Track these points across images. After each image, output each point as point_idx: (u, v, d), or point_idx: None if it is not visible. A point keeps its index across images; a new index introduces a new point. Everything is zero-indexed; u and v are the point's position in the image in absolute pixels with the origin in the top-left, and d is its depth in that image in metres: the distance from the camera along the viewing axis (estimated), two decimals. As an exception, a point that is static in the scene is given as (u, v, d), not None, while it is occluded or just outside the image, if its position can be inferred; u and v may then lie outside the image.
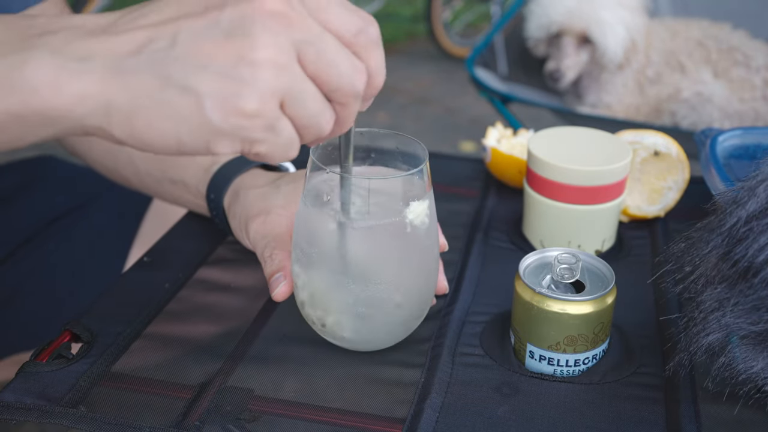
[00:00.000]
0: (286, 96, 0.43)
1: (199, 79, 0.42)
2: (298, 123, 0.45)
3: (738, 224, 0.52)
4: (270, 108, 0.43)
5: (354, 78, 0.45)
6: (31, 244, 0.95)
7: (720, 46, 1.74)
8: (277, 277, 0.61)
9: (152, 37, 0.43)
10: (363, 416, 0.54)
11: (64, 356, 0.59)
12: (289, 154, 0.46)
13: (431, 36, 3.88)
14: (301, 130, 0.45)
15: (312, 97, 0.44)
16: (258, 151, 0.45)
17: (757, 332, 0.51)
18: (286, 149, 0.45)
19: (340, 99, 0.45)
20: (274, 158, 0.45)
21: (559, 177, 0.71)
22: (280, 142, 0.44)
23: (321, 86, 0.44)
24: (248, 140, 0.44)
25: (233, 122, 0.43)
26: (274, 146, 0.45)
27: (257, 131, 0.43)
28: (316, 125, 0.45)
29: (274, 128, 0.44)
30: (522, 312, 0.58)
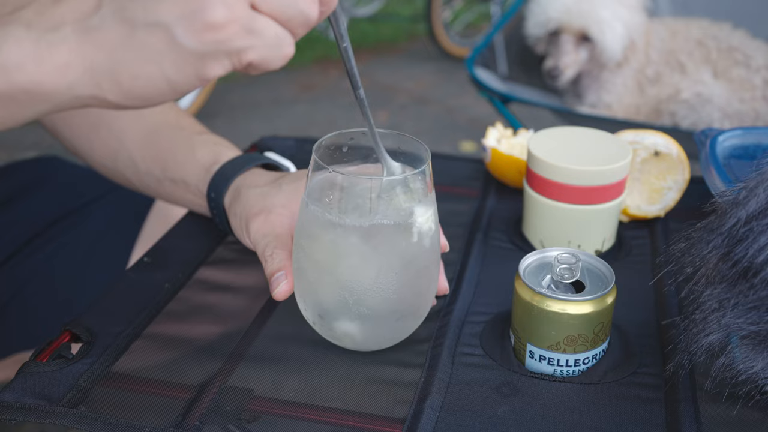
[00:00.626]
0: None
1: (160, 10, 0.41)
2: (278, 17, 0.43)
3: (738, 224, 0.52)
4: (239, 10, 0.41)
5: None
6: (34, 244, 0.95)
7: (720, 46, 1.74)
8: (278, 276, 0.61)
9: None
10: (363, 416, 0.54)
11: (64, 356, 0.59)
12: (283, 53, 0.44)
13: (431, 36, 3.88)
14: (287, 25, 0.43)
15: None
16: (251, 60, 0.43)
17: (757, 332, 0.51)
18: (278, 49, 0.43)
19: None
20: (270, 62, 0.44)
21: (559, 177, 0.71)
22: (268, 42, 0.43)
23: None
24: (234, 52, 0.42)
25: (208, 39, 0.41)
26: (264, 48, 0.43)
27: (237, 39, 0.42)
28: (299, 12, 0.43)
29: (254, 29, 0.42)
30: (522, 312, 0.58)
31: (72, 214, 0.99)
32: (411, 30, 4.39)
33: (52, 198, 1.00)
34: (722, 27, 1.78)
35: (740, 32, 1.78)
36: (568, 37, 1.73)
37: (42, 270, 0.94)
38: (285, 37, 0.44)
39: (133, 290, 0.68)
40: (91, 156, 0.83)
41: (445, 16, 3.91)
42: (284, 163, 0.78)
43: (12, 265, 0.93)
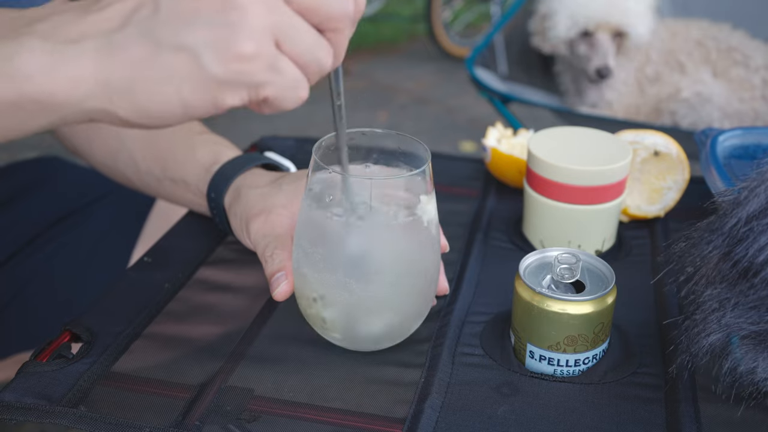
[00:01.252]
0: (278, 33, 0.43)
1: (189, 34, 0.41)
2: (298, 61, 0.44)
3: (738, 224, 0.52)
4: (266, 46, 0.42)
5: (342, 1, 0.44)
6: (35, 244, 0.95)
7: (719, 47, 1.74)
8: (278, 277, 0.61)
9: (134, 6, 0.42)
10: (363, 416, 0.54)
11: (65, 356, 0.59)
12: (299, 95, 0.45)
13: (431, 36, 3.88)
14: (303, 69, 0.45)
15: (304, 30, 0.44)
16: (266, 96, 0.44)
17: (757, 332, 0.51)
18: (294, 90, 0.45)
19: (334, 25, 0.45)
20: (284, 101, 0.45)
21: (559, 177, 0.71)
22: (286, 82, 0.44)
23: (311, 18, 0.44)
24: (253, 85, 0.43)
25: (234, 68, 0.42)
26: (281, 88, 0.44)
27: (260, 73, 0.43)
28: (315, 60, 0.45)
29: (276, 67, 0.43)
30: (522, 312, 0.58)
31: (73, 214, 0.99)
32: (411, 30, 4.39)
33: (53, 198, 1.00)
34: (721, 28, 1.78)
35: (739, 33, 1.78)
36: (604, 35, 1.71)
37: (43, 270, 0.94)
38: (302, 81, 0.45)
39: (133, 290, 0.68)
40: (92, 155, 0.83)
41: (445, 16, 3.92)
42: (284, 163, 0.78)
43: (13, 265, 0.93)
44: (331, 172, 0.55)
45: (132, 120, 0.44)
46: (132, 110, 0.43)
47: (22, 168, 1.04)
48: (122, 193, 1.00)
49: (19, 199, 0.98)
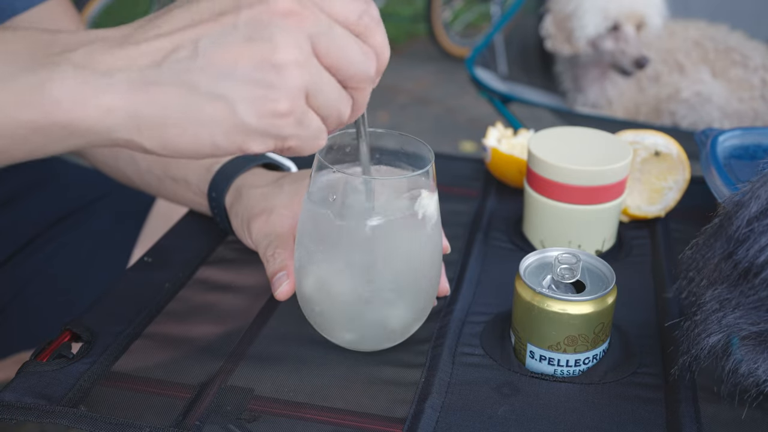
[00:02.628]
0: (309, 89, 0.45)
1: (227, 86, 0.43)
2: (321, 113, 0.46)
3: (740, 226, 0.52)
4: (299, 104, 0.44)
5: (366, 63, 0.46)
6: (35, 244, 0.95)
7: (717, 47, 1.74)
8: (280, 276, 0.61)
9: (172, 47, 0.43)
10: (363, 416, 0.54)
11: (65, 356, 0.59)
12: (319, 144, 0.47)
13: (431, 36, 3.88)
14: (324, 120, 0.47)
15: (330, 86, 0.46)
16: (290, 146, 0.46)
17: (757, 332, 0.51)
18: (315, 140, 0.47)
19: (355, 84, 0.47)
20: (305, 150, 0.47)
21: (559, 177, 0.71)
22: (309, 134, 0.46)
23: (336, 74, 0.46)
24: (280, 137, 0.45)
25: (267, 123, 0.44)
26: (305, 139, 0.46)
27: (289, 128, 0.45)
28: (337, 112, 0.47)
29: (303, 122, 0.45)
30: (522, 312, 0.58)
31: (73, 214, 0.99)
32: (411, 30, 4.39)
33: (54, 198, 1.00)
34: (720, 28, 1.78)
35: (738, 33, 1.78)
36: (630, 28, 1.70)
37: (43, 270, 0.94)
38: (322, 132, 0.47)
39: (133, 290, 0.68)
40: (92, 154, 0.83)
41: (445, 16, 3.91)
42: (285, 163, 0.78)
43: (13, 264, 0.93)
44: (334, 172, 0.55)
45: (156, 152, 0.45)
46: (159, 145, 0.45)
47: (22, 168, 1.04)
48: (122, 193, 1.00)
49: (20, 198, 0.98)
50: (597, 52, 1.73)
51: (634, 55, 1.69)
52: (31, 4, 0.76)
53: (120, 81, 0.43)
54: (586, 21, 1.69)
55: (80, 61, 0.43)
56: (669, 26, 1.79)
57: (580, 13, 1.70)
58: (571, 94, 1.88)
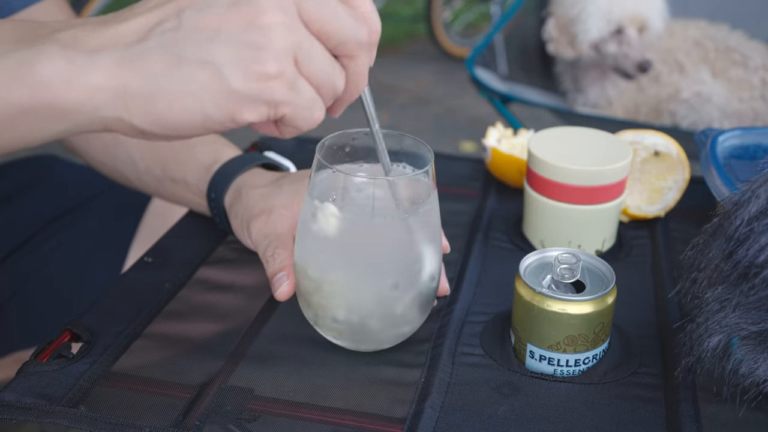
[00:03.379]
0: (298, 54, 0.44)
1: (213, 50, 0.43)
2: (314, 82, 0.46)
3: (740, 226, 0.52)
4: (288, 67, 0.44)
5: (355, 27, 0.46)
6: (32, 242, 0.95)
7: (717, 46, 1.74)
8: (280, 277, 0.61)
9: (157, 20, 0.43)
10: (363, 416, 0.54)
11: (65, 356, 0.59)
12: (314, 114, 0.47)
13: (431, 36, 3.87)
14: (318, 90, 0.46)
15: (320, 53, 0.45)
16: (283, 113, 0.46)
17: (758, 332, 0.51)
18: (310, 110, 0.46)
19: (348, 51, 0.46)
20: (301, 120, 0.46)
21: (559, 177, 0.71)
22: (304, 102, 0.46)
23: (326, 42, 0.45)
24: (272, 102, 0.45)
25: (256, 86, 0.44)
26: (298, 107, 0.46)
27: (280, 92, 0.44)
28: (330, 82, 0.46)
29: (295, 87, 0.45)
30: (522, 312, 0.58)
31: (70, 212, 0.99)
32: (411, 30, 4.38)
33: (50, 196, 1.00)
34: (720, 28, 1.78)
35: (738, 33, 1.78)
36: (633, 31, 1.70)
37: (41, 268, 0.94)
38: (318, 102, 0.47)
39: (133, 290, 0.68)
40: (90, 154, 0.83)
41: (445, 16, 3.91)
42: (284, 163, 0.78)
43: (11, 263, 0.93)
44: (335, 171, 0.55)
45: (148, 129, 0.45)
46: (149, 120, 0.44)
47: (18, 166, 1.04)
48: (119, 190, 1.00)
49: (16, 197, 0.99)
50: (600, 56, 1.73)
51: (636, 59, 1.69)
52: (28, 3, 0.76)
53: (106, 58, 0.43)
54: (590, 25, 1.69)
55: (67, 41, 0.43)
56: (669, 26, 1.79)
57: (583, 17, 1.70)
58: (571, 94, 1.88)
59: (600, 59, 1.74)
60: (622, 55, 1.70)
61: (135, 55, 0.43)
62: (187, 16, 0.43)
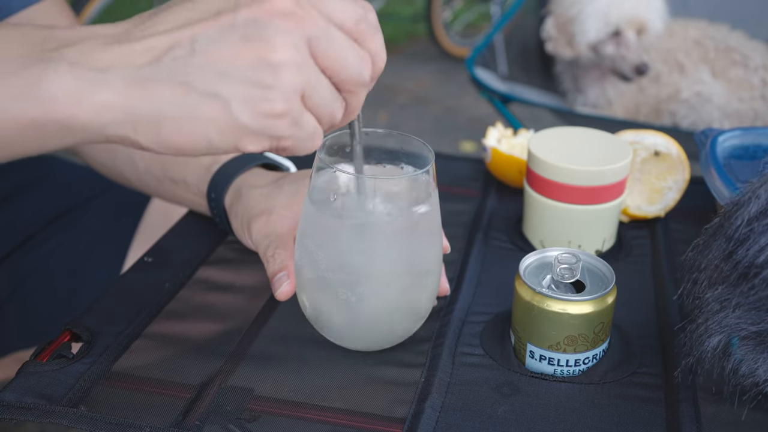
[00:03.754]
0: (306, 90, 0.45)
1: (223, 85, 0.43)
2: (315, 114, 0.46)
3: (740, 226, 0.52)
4: (295, 105, 0.44)
5: (360, 67, 0.46)
6: (32, 242, 0.95)
7: (717, 46, 1.74)
8: (280, 277, 0.61)
9: (170, 44, 0.43)
10: (363, 416, 0.54)
11: (65, 356, 0.59)
12: (314, 145, 0.48)
13: (431, 36, 3.87)
14: (318, 120, 0.47)
15: (325, 88, 0.46)
16: (285, 146, 0.46)
17: (757, 332, 0.51)
18: (311, 141, 0.47)
19: (350, 88, 0.47)
20: (300, 151, 0.47)
21: (559, 177, 0.71)
22: (305, 135, 0.46)
23: (331, 77, 0.46)
24: (276, 137, 0.45)
25: (262, 123, 0.44)
26: (300, 140, 0.46)
27: (284, 128, 0.45)
28: (330, 113, 0.47)
29: (299, 123, 0.45)
30: (522, 312, 0.58)
31: (70, 211, 0.99)
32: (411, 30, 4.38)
33: (50, 196, 1.00)
34: (720, 28, 1.78)
35: (738, 33, 1.78)
36: (632, 34, 1.70)
37: (41, 267, 0.94)
38: (318, 132, 0.47)
39: (133, 290, 0.68)
40: (90, 155, 0.83)
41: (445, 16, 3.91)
42: (284, 163, 0.78)
43: (11, 262, 0.93)
44: (335, 171, 0.55)
45: (152, 149, 0.45)
46: (155, 141, 0.45)
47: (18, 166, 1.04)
48: (118, 190, 1.00)
49: (16, 197, 0.99)
50: (598, 56, 1.73)
51: (634, 62, 1.69)
52: (27, 4, 0.76)
53: (116, 78, 0.43)
54: (588, 26, 1.69)
55: (76, 58, 0.43)
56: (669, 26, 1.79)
57: (582, 18, 1.70)
58: (571, 95, 1.88)
59: (598, 60, 1.74)
60: (619, 58, 1.70)
61: (145, 78, 0.43)
62: (200, 45, 0.43)
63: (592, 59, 1.75)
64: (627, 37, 1.68)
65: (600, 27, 1.68)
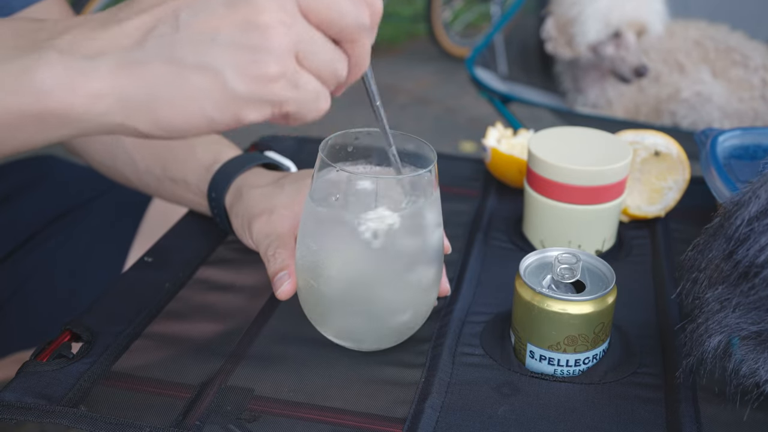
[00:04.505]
0: (299, 50, 0.43)
1: (212, 54, 0.42)
2: (317, 74, 0.45)
3: (740, 226, 0.52)
4: (289, 66, 0.43)
5: (356, 12, 0.45)
6: (32, 242, 0.95)
7: (717, 46, 1.74)
8: (281, 276, 0.61)
9: (154, 22, 0.43)
10: (363, 416, 0.54)
11: (65, 356, 0.59)
12: (320, 106, 0.46)
13: (431, 36, 3.87)
14: (322, 81, 0.46)
15: (322, 45, 0.44)
16: (288, 111, 0.45)
17: (758, 332, 0.51)
18: (315, 102, 0.45)
19: (350, 37, 0.45)
20: (306, 114, 0.46)
21: (559, 177, 0.71)
22: (308, 96, 0.45)
23: (327, 31, 0.45)
24: (276, 102, 0.44)
25: (258, 88, 0.43)
26: (303, 102, 0.45)
27: (282, 91, 0.44)
28: (333, 71, 0.45)
29: (297, 84, 0.44)
30: (522, 312, 0.58)
31: (71, 211, 0.99)
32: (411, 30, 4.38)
33: (51, 196, 1.00)
34: (720, 28, 1.78)
35: (738, 33, 1.78)
36: (631, 35, 1.70)
37: (42, 268, 0.94)
38: (322, 92, 0.46)
39: (133, 290, 0.68)
40: (90, 155, 0.83)
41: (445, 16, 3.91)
42: (285, 163, 0.78)
43: (11, 263, 0.93)
44: (338, 171, 0.55)
45: (152, 133, 0.45)
46: (152, 125, 0.44)
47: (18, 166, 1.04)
48: (119, 190, 1.00)
49: (16, 197, 0.99)
50: (597, 57, 1.73)
51: (633, 63, 1.69)
52: (28, 3, 0.76)
53: (104, 65, 0.42)
54: (588, 27, 1.68)
55: (65, 47, 0.43)
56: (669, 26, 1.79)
57: (582, 19, 1.70)
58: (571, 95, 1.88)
59: (598, 61, 1.74)
60: (619, 59, 1.70)
61: (133, 61, 0.42)
62: (184, 18, 0.42)
63: (592, 60, 1.75)
64: (627, 39, 1.68)
65: (600, 28, 1.68)
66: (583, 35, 1.69)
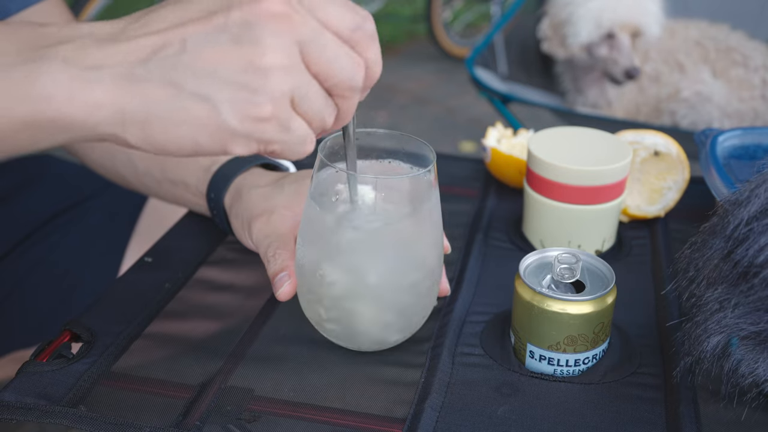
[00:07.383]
0: (295, 95, 0.44)
1: (212, 86, 0.43)
2: (306, 119, 0.46)
3: (739, 226, 0.52)
4: (284, 109, 0.44)
5: (353, 73, 0.46)
6: (30, 241, 0.95)
7: (718, 46, 1.74)
8: (281, 277, 0.61)
9: (161, 44, 0.43)
10: (363, 416, 0.54)
11: (65, 356, 0.59)
12: (305, 150, 0.47)
13: (431, 36, 3.88)
14: (310, 125, 0.47)
15: (316, 93, 0.45)
16: (273, 150, 0.46)
17: (757, 332, 0.51)
18: (301, 145, 0.47)
19: (341, 93, 0.47)
20: (289, 155, 0.47)
21: (559, 177, 0.71)
22: (296, 139, 0.46)
23: (322, 82, 0.46)
24: (264, 141, 0.45)
25: (251, 126, 0.44)
26: (290, 144, 0.46)
27: (274, 132, 0.45)
28: (320, 119, 0.47)
29: (289, 127, 0.45)
30: (522, 312, 0.58)
31: (69, 210, 0.99)
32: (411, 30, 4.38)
33: (48, 195, 1.00)
34: (720, 28, 1.78)
35: (738, 33, 1.78)
36: (625, 36, 1.70)
37: (40, 266, 0.94)
38: (309, 136, 0.47)
39: (133, 290, 0.68)
40: (89, 156, 0.83)
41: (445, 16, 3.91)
42: (284, 163, 0.78)
43: (10, 260, 0.93)
44: (337, 171, 0.55)
45: (140, 147, 0.45)
46: (143, 140, 0.45)
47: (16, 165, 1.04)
48: (115, 190, 1.00)
49: (13, 196, 0.99)
50: (591, 58, 1.74)
51: (625, 65, 1.70)
52: (25, 5, 0.76)
53: (107, 76, 0.43)
54: (580, 28, 1.69)
55: (69, 56, 0.43)
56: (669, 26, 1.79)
57: (574, 20, 1.71)
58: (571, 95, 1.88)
59: (592, 61, 1.74)
60: (611, 61, 1.71)
61: (135, 76, 0.43)
62: (191, 45, 0.43)
63: (587, 60, 1.75)
64: (620, 41, 1.69)
65: (591, 29, 1.68)
66: (575, 36, 1.70)
